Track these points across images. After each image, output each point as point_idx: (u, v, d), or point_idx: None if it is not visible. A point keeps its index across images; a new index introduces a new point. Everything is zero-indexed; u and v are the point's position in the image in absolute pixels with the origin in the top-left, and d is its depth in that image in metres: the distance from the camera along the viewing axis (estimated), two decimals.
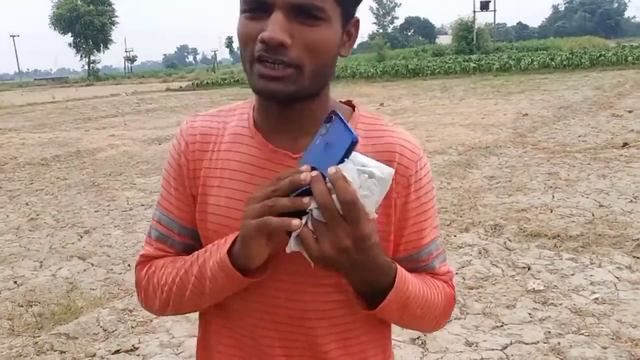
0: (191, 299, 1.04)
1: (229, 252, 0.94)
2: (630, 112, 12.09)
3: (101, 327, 3.95)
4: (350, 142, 0.81)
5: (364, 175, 0.82)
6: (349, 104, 1.11)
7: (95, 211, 7.06)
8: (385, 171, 0.84)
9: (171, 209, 1.09)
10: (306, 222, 0.84)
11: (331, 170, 0.80)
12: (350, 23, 0.98)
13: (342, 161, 0.82)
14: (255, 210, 0.86)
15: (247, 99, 1.12)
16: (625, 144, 8.76)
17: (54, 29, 75.72)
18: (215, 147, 1.06)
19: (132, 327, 3.92)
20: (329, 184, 0.81)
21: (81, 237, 6.06)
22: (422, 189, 1.06)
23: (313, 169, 0.83)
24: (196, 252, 1.03)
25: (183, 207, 1.08)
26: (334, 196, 0.81)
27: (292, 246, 0.86)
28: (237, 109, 1.11)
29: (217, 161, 1.05)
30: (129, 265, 5.09)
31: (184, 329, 3.84)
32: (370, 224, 0.84)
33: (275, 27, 0.88)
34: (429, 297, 1.04)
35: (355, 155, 0.83)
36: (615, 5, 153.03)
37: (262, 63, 0.91)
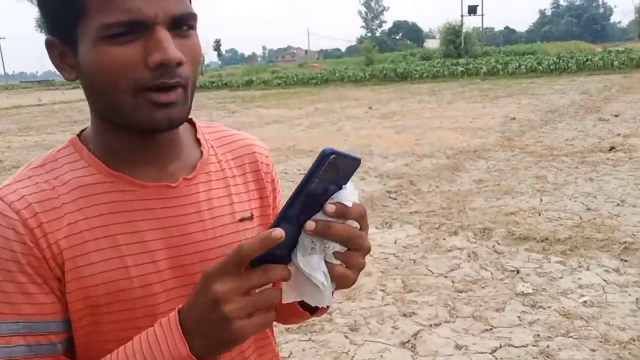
0: None
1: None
2: (616, 116, 12.19)
3: None
4: (359, 165, 0.76)
5: (351, 188, 0.79)
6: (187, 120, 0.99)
7: None
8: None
9: (35, 310, 0.82)
10: (323, 262, 0.77)
11: (330, 207, 0.74)
12: None
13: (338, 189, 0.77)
14: (242, 307, 0.71)
15: (57, 147, 0.95)
16: (612, 148, 8.82)
17: (40, 31, 75.24)
18: (63, 211, 0.84)
19: None
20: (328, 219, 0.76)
21: None
22: (278, 182, 1.10)
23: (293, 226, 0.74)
24: (112, 356, 0.79)
25: (52, 299, 0.83)
26: (348, 222, 0.77)
27: (326, 298, 0.78)
28: (57, 159, 0.91)
29: (77, 224, 0.84)
30: None
31: None
32: None
33: (170, 45, 0.78)
34: None
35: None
36: (602, 10, 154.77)
37: (154, 92, 0.80)
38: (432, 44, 79.93)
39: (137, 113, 0.81)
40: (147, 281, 0.86)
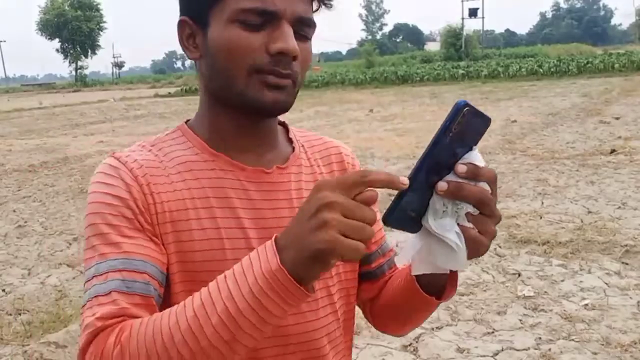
0: (210, 355, 0.74)
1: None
2: (617, 118, 12.19)
3: None
4: (489, 125, 0.76)
5: (479, 154, 0.77)
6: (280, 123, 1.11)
7: (84, 218, 7.00)
8: None
9: (134, 249, 0.86)
10: (455, 225, 0.76)
11: (462, 168, 0.74)
12: None
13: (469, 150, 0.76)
14: (341, 222, 0.68)
15: (172, 130, 1.03)
16: (613, 151, 8.83)
17: (41, 35, 75.39)
18: (168, 180, 0.92)
19: None
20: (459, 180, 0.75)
21: (70, 244, 6.02)
22: None
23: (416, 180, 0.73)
24: (202, 290, 0.77)
25: (150, 245, 0.88)
26: (480, 184, 0.75)
27: (462, 262, 0.77)
28: (165, 140, 0.99)
29: (180, 192, 0.92)
30: None
31: None
32: None
33: (292, 38, 0.88)
34: None
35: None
36: (602, 12, 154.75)
37: (268, 74, 0.89)
38: (432, 47, 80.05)
39: (248, 91, 0.90)
40: (239, 255, 0.85)
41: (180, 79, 61.31)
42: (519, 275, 4.46)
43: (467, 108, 0.71)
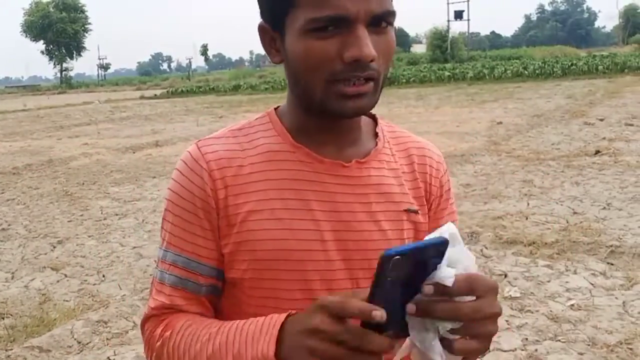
0: None
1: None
2: (601, 120, 12.29)
3: (75, 339, 3.88)
4: (447, 245, 0.73)
5: (452, 250, 0.75)
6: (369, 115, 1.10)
7: (69, 221, 6.95)
8: (449, 228, 0.76)
9: (195, 250, 0.96)
10: (441, 337, 0.74)
11: (428, 289, 0.72)
12: None
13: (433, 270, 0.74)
14: (325, 351, 0.73)
15: (255, 117, 1.06)
16: (597, 152, 8.89)
17: (26, 36, 74.81)
18: (246, 170, 0.97)
19: (107, 339, 3.85)
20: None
21: (54, 247, 5.96)
22: (449, 190, 1.11)
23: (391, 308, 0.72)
24: (225, 326, 0.89)
25: (211, 246, 0.97)
26: (455, 299, 0.73)
27: None
28: (253, 126, 1.03)
29: (257, 184, 0.96)
30: (103, 276, 5.02)
31: None
32: None
33: (367, 43, 0.85)
34: None
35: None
36: (586, 15, 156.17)
37: (345, 82, 0.87)
38: (418, 49, 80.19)
39: (328, 101, 0.90)
40: (310, 247, 0.94)
41: (166, 80, 61.20)
42: (505, 276, 4.48)
43: (396, 257, 0.68)
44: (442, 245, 0.73)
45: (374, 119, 1.09)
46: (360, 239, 0.97)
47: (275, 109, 1.05)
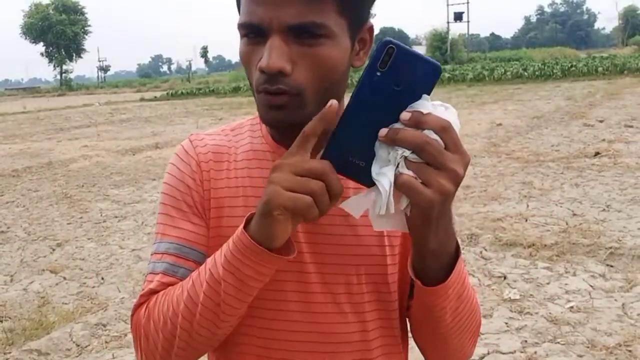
0: (204, 319, 0.86)
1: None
2: (601, 121, 12.29)
3: (74, 342, 3.87)
4: (438, 73, 0.73)
5: (441, 108, 0.74)
6: None
7: (68, 223, 6.95)
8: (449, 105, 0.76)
9: (186, 236, 0.97)
10: (396, 174, 0.73)
11: (405, 114, 0.72)
12: (362, 30, 0.91)
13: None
14: (286, 179, 0.75)
15: (255, 116, 1.06)
16: (597, 154, 8.89)
17: (25, 38, 74.80)
18: (231, 166, 1.00)
19: (105, 342, 3.85)
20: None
21: (53, 250, 5.95)
22: None
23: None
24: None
25: (201, 231, 0.98)
26: (425, 132, 0.72)
27: (379, 205, 0.73)
28: (244, 126, 1.07)
29: (236, 180, 0.99)
30: (102, 279, 5.01)
31: None
32: None
33: (272, 54, 0.82)
34: (472, 295, 0.97)
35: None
36: (585, 16, 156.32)
37: (264, 92, 0.86)
38: (418, 50, 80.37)
39: (259, 108, 0.90)
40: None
41: (166, 82, 61.22)
42: (505, 278, 4.47)
43: (390, 45, 0.70)
44: (435, 71, 0.73)
45: None
46: (334, 242, 0.96)
47: None
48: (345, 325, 0.97)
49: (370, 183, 0.74)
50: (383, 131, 0.72)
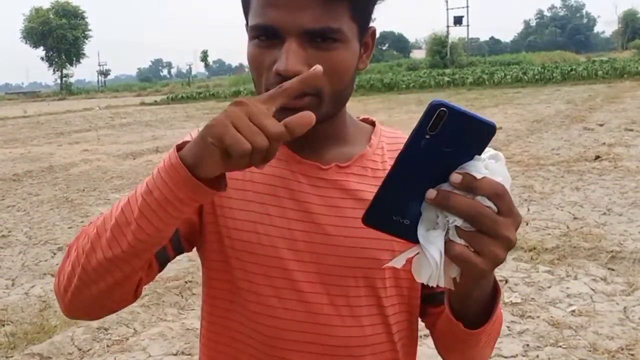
0: (112, 235, 0.82)
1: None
2: (601, 125, 12.30)
3: (76, 346, 3.87)
4: (493, 133, 0.68)
5: (491, 161, 0.70)
6: (367, 120, 1.09)
7: (69, 227, 6.95)
8: (496, 151, 0.72)
9: None
10: (446, 240, 0.69)
11: (456, 177, 0.67)
12: (366, 34, 0.93)
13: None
14: (239, 118, 0.71)
15: None
16: (597, 157, 8.90)
17: (26, 43, 74.84)
18: None
19: (107, 345, 3.85)
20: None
21: (54, 254, 5.95)
22: None
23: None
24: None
25: (186, 219, 0.96)
26: (477, 198, 0.68)
27: (434, 278, 0.70)
28: None
29: (236, 182, 0.97)
30: None
31: (161, 347, 3.78)
32: None
33: (290, 57, 0.83)
34: (501, 315, 0.96)
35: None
36: (585, 20, 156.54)
37: None
38: (418, 55, 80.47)
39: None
40: (277, 244, 0.95)
41: (167, 86, 61.20)
42: (506, 281, 4.47)
43: (442, 109, 0.66)
44: (489, 130, 0.68)
45: (373, 124, 1.08)
46: (332, 243, 0.95)
47: None
48: (343, 329, 0.97)
49: (416, 240, 0.71)
50: (432, 193, 0.68)
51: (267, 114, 0.72)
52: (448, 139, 0.67)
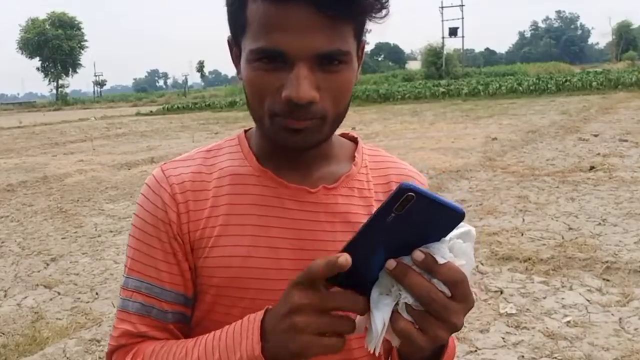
0: None
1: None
2: (596, 136, 12.34)
3: (67, 358, 3.84)
4: (461, 219, 0.70)
5: (459, 241, 0.71)
6: (346, 136, 1.08)
7: (63, 238, 6.91)
8: (469, 227, 0.74)
9: (157, 275, 0.93)
10: (392, 316, 0.70)
11: (418, 255, 0.68)
12: (360, 49, 0.91)
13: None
14: (313, 323, 0.72)
15: (226, 138, 1.04)
16: (592, 168, 8.91)
17: (22, 53, 74.88)
18: (211, 194, 0.94)
19: (99, 357, 3.81)
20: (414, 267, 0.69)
21: (47, 264, 5.92)
22: None
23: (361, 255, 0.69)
24: (202, 338, 0.84)
25: (174, 270, 0.93)
26: (434, 281, 0.69)
27: (373, 343, 0.72)
28: (220, 149, 1.01)
29: (218, 208, 0.93)
30: (96, 294, 4.98)
31: None
32: None
33: (302, 84, 0.80)
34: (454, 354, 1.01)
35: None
36: (579, 32, 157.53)
37: (286, 118, 0.84)
38: (413, 66, 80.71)
39: (274, 133, 0.87)
40: (267, 276, 0.91)
41: (162, 97, 61.27)
42: (501, 292, 4.46)
43: (410, 193, 0.64)
44: (457, 216, 0.68)
45: (355, 141, 1.06)
46: (321, 248, 0.93)
47: (246, 131, 1.02)
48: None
49: (367, 296, 0.72)
50: (391, 263, 0.69)
51: (328, 299, 0.72)
52: (414, 221, 0.67)
